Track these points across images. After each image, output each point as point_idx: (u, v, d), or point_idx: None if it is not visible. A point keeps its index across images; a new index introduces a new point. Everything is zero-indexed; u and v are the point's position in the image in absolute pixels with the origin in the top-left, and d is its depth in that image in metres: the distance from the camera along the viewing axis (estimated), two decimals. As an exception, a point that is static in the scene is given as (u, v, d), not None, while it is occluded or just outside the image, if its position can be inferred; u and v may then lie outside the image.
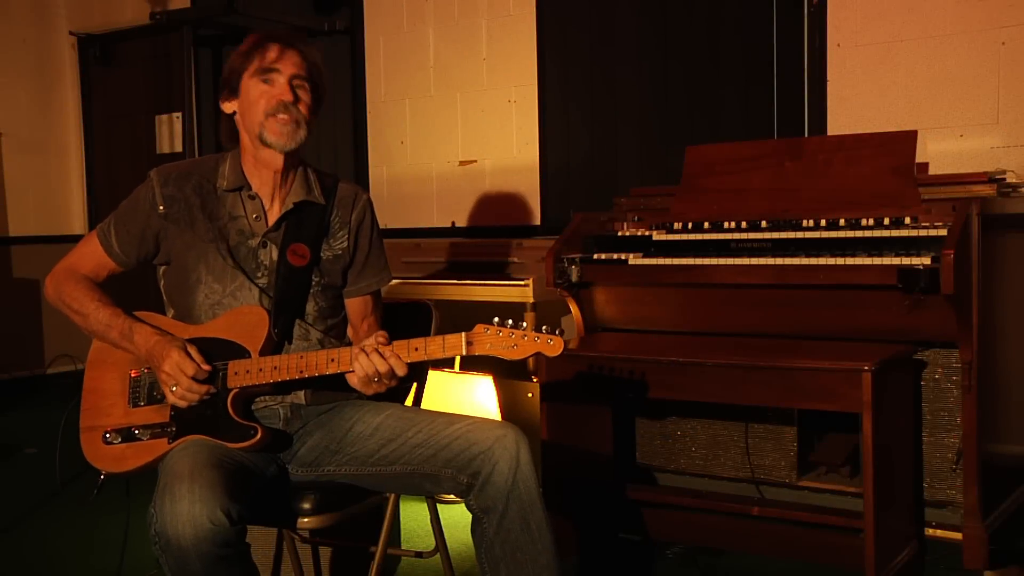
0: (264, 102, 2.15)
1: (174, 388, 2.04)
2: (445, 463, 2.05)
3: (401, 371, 2.01)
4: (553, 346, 1.95)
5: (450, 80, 4.93)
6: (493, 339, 1.96)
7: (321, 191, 2.26)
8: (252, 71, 2.17)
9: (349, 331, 2.34)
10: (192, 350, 2.05)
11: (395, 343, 2.03)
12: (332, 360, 2.04)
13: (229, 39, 5.78)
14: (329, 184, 2.29)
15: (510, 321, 1.96)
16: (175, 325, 2.17)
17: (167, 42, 6.08)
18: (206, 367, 2.04)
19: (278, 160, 2.18)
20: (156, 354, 2.06)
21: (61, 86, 6.64)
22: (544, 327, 1.96)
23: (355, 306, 2.32)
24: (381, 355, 2.00)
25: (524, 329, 1.96)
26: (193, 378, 2.02)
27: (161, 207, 2.20)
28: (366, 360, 2.00)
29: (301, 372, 2.05)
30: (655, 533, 3.10)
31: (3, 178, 6.32)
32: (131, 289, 2.44)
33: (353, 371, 2.03)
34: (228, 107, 2.25)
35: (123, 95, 6.49)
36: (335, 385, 2.12)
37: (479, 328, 1.97)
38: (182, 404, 2.05)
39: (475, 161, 4.88)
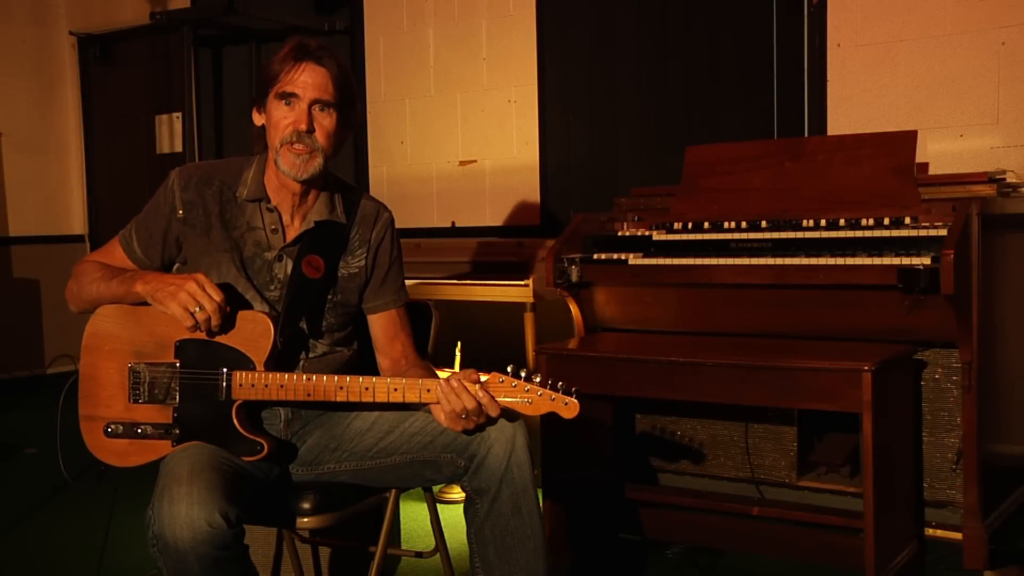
0: (281, 128, 2.10)
1: (197, 310, 1.98)
2: (443, 448, 2.06)
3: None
4: (569, 408, 1.96)
5: (450, 80, 4.93)
6: (508, 389, 1.96)
7: (344, 209, 2.23)
8: (276, 90, 2.10)
9: (377, 354, 2.31)
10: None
11: (408, 381, 2.01)
12: (341, 388, 2.03)
13: (229, 39, 5.79)
14: (352, 200, 2.26)
15: (523, 372, 1.96)
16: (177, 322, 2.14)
17: (167, 42, 6.08)
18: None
19: (294, 184, 2.15)
20: (169, 281, 2.01)
21: (61, 86, 6.64)
22: (560, 385, 1.95)
23: (380, 323, 2.29)
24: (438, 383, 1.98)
25: (539, 385, 1.95)
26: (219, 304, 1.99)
27: (180, 212, 2.16)
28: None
29: (309, 395, 2.03)
30: (655, 533, 3.09)
31: (3, 178, 6.32)
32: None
33: (351, 398, 2.03)
34: (258, 119, 2.19)
35: (123, 95, 6.49)
36: None
37: (494, 377, 1.97)
38: (201, 329, 1.99)
39: (475, 161, 4.88)
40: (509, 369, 1.97)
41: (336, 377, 2.03)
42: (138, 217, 2.22)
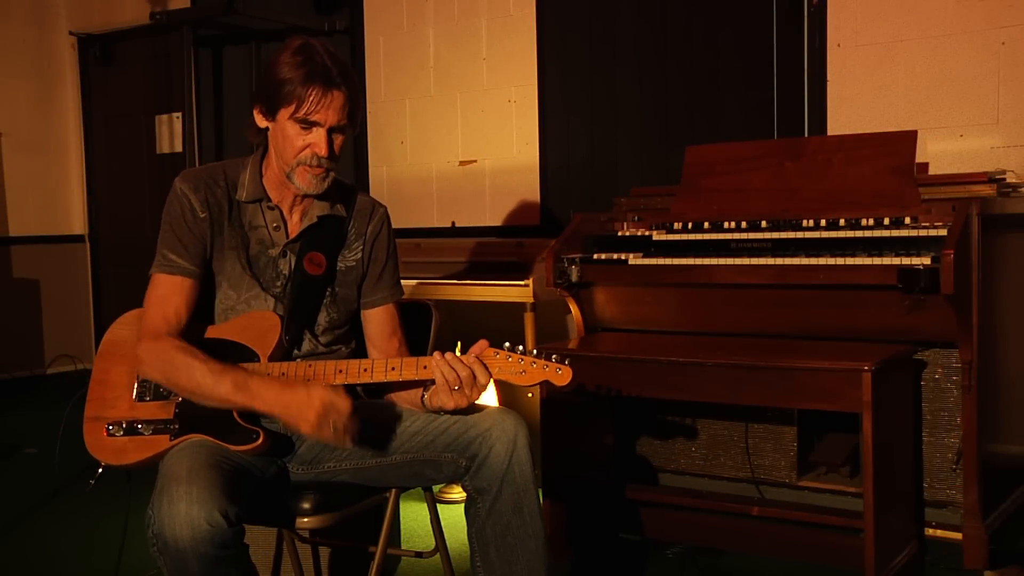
0: (298, 149, 2.08)
1: (332, 425, 1.96)
2: (444, 447, 2.07)
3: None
4: (561, 375, 2.00)
5: (450, 80, 4.93)
6: (502, 363, 2.02)
7: (342, 203, 2.24)
8: (291, 113, 2.06)
9: (371, 350, 2.30)
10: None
11: (405, 360, 2.06)
12: (340, 371, 2.05)
13: (229, 39, 5.79)
14: (349, 195, 2.27)
15: (520, 347, 2.02)
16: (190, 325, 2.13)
17: (167, 42, 6.08)
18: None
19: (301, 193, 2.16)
20: (290, 402, 1.98)
21: (61, 86, 6.64)
22: (554, 356, 2.00)
23: (378, 318, 2.29)
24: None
25: (533, 356, 2.01)
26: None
27: (203, 213, 2.14)
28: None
29: (308, 380, 2.05)
30: (655, 533, 3.10)
31: (3, 178, 6.32)
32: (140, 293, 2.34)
33: (349, 384, 2.04)
34: (261, 122, 2.14)
35: (123, 95, 6.49)
36: None
37: (489, 352, 2.02)
38: (347, 442, 1.99)
39: (475, 161, 4.88)
40: (506, 345, 2.02)
41: (335, 362, 2.07)
42: (162, 239, 2.14)
